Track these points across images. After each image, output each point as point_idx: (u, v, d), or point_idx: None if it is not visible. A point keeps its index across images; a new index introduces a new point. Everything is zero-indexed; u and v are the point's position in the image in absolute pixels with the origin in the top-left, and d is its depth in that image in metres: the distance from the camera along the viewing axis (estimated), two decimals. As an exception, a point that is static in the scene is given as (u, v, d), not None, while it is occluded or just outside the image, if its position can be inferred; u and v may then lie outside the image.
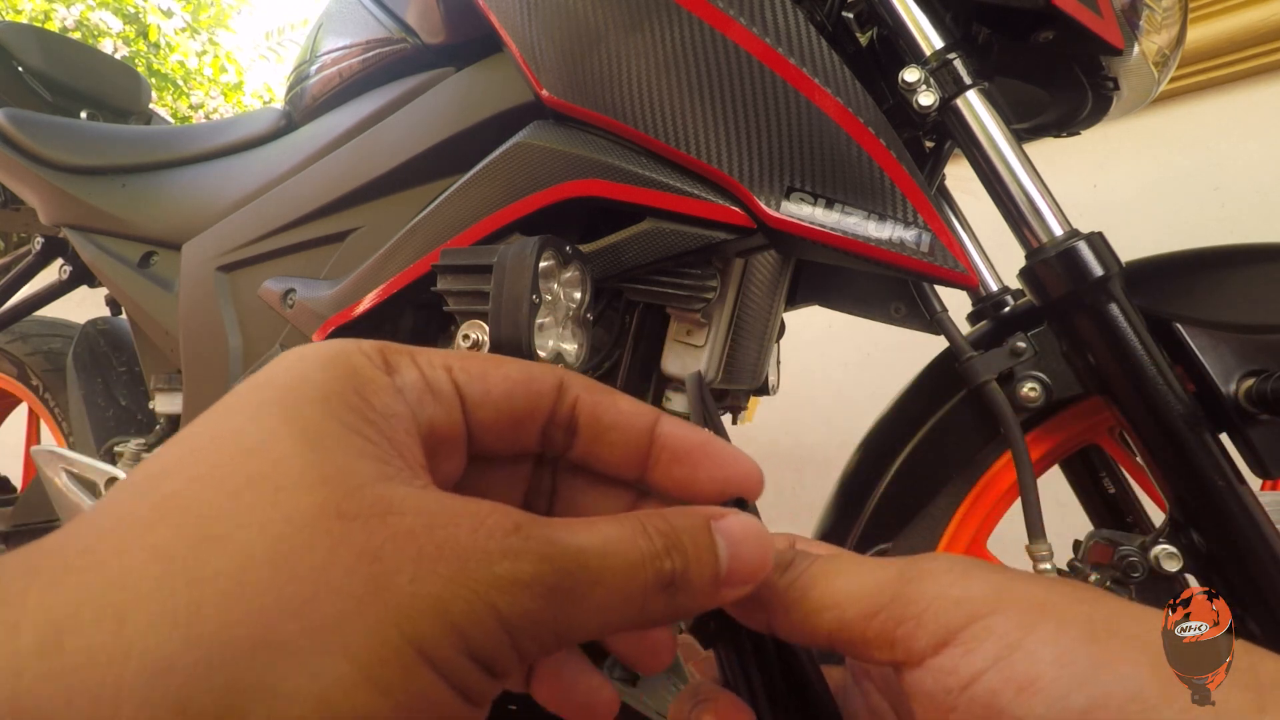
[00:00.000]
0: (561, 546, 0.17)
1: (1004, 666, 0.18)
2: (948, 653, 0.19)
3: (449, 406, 0.20)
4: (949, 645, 0.19)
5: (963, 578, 0.20)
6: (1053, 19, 0.51)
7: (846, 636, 0.21)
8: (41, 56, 1.18)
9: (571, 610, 0.17)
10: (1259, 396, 0.47)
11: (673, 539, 0.19)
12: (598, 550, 0.18)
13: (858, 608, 0.20)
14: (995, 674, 0.18)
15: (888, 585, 0.20)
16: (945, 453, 0.62)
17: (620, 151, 0.55)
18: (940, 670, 0.19)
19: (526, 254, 0.49)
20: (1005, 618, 0.19)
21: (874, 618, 0.20)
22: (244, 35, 4.10)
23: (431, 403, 0.20)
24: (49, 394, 1.17)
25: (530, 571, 0.16)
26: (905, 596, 0.20)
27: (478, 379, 0.21)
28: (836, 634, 0.21)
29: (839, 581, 0.21)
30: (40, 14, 3.26)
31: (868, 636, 0.20)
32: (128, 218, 0.92)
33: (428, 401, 0.20)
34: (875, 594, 0.20)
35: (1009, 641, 0.18)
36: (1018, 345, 0.56)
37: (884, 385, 0.71)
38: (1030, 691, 0.18)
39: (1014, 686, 0.18)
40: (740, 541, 0.20)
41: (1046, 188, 0.53)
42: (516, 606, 0.16)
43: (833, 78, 0.50)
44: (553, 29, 0.57)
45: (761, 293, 0.65)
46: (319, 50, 0.81)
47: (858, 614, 0.20)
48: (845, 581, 0.21)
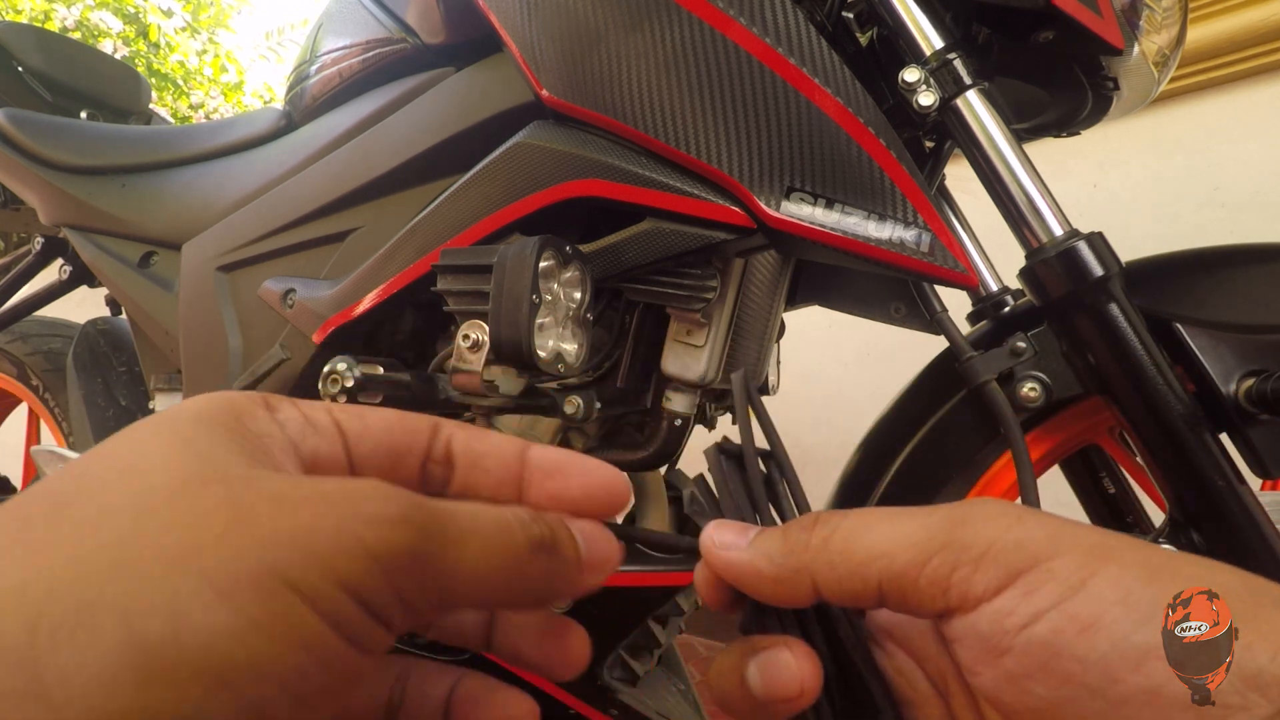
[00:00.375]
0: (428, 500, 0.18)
1: (1067, 607, 0.18)
2: (1007, 595, 0.19)
3: (329, 438, 0.21)
4: (1008, 588, 0.19)
5: (1019, 522, 0.20)
6: (1053, 19, 0.51)
7: (897, 586, 0.20)
8: (41, 56, 1.18)
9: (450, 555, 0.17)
10: (1259, 396, 0.47)
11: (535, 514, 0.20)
12: (466, 510, 0.18)
13: (908, 555, 0.20)
14: (1057, 614, 0.18)
15: (938, 532, 0.20)
16: (945, 453, 0.62)
17: (620, 151, 0.55)
18: (998, 612, 0.19)
19: (526, 254, 0.49)
20: (1066, 561, 0.19)
21: (927, 564, 0.20)
22: (244, 35, 4.10)
23: (312, 434, 0.21)
24: (49, 394, 1.17)
25: (398, 512, 0.17)
26: (959, 541, 0.20)
27: (355, 417, 0.22)
28: (887, 584, 0.21)
29: (884, 530, 0.21)
30: (40, 14, 3.26)
31: (920, 584, 0.20)
32: (128, 218, 0.92)
33: (309, 433, 0.21)
34: (926, 541, 0.20)
35: (1072, 583, 0.18)
36: (1018, 345, 0.56)
37: (884, 385, 0.71)
38: (1093, 630, 0.18)
39: (1077, 626, 0.18)
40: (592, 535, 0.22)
41: (1046, 188, 0.53)
42: (386, 539, 0.16)
43: (833, 78, 0.50)
44: (553, 29, 0.57)
45: (761, 293, 0.65)
46: (319, 50, 0.81)
47: (909, 561, 0.20)
48: (890, 530, 0.21)
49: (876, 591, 0.21)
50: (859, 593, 0.21)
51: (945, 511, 0.21)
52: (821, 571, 0.22)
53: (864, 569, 0.21)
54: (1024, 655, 0.19)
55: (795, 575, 0.22)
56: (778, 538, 0.23)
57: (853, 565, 0.21)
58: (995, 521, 0.20)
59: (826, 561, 0.22)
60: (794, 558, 0.22)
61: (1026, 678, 0.19)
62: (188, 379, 0.82)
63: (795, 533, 0.23)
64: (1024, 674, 0.19)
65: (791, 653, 0.22)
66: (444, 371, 0.58)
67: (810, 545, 0.22)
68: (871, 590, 0.21)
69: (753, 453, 0.27)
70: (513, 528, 0.19)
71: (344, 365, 0.51)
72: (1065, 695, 0.18)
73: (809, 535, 0.22)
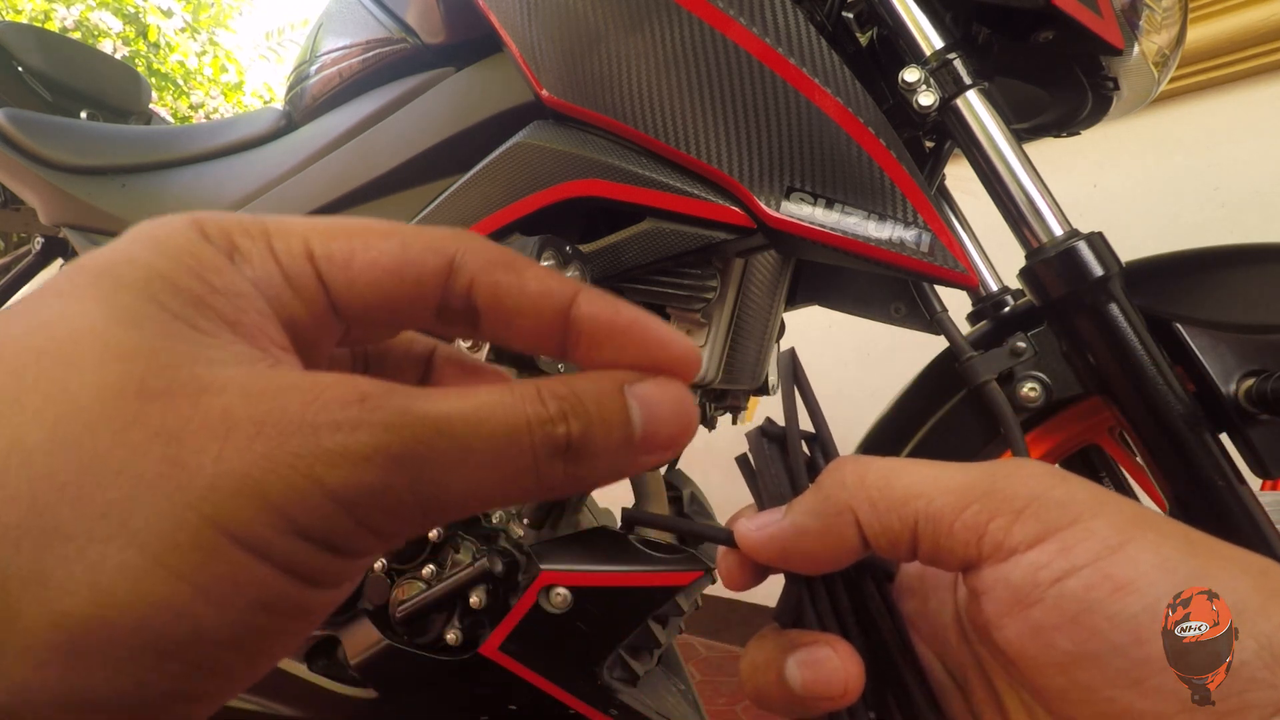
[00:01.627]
0: (416, 415, 0.15)
1: (1103, 565, 0.18)
2: (1043, 548, 0.19)
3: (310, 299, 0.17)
4: (1045, 541, 0.19)
5: (1063, 482, 0.20)
6: (1053, 19, 0.51)
7: (931, 528, 0.20)
8: (41, 56, 1.18)
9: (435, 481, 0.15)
10: (1259, 396, 0.47)
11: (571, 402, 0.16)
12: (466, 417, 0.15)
13: (946, 499, 0.20)
14: (1093, 571, 0.18)
15: (980, 480, 0.20)
16: (945, 453, 0.62)
17: (620, 151, 0.55)
18: (1032, 565, 0.19)
19: (526, 254, 0.49)
20: (1107, 522, 0.19)
21: (966, 509, 0.20)
22: (244, 35, 4.10)
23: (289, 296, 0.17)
24: (49, 394, 1.17)
25: (368, 443, 0.14)
26: (1002, 492, 0.20)
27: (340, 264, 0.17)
28: (923, 524, 0.20)
29: (924, 471, 0.21)
30: (40, 14, 3.26)
31: (954, 528, 0.20)
32: (128, 218, 0.92)
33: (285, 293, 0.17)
34: (967, 487, 0.20)
35: (1110, 544, 0.18)
36: (1018, 345, 0.56)
37: (884, 385, 0.71)
38: (1127, 591, 0.18)
39: (1111, 585, 0.18)
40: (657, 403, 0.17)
41: (1046, 188, 0.53)
42: (350, 481, 0.14)
43: (833, 78, 0.50)
44: (553, 29, 0.57)
45: (761, 293, 0.65)
46: (319, 50, 0.81)
47: (948, 504, 0.20)
48: (931, 472, 0.21)
49: (912, 533, 0.21)
50: (897, 534, 0.21)
51: (987, 465, 0.21)
52: (862, 508, 0.21)
53: (902, 507, 0.21)
54: (1054, 608, 0.19)
55: (838, 518, 0.22)
56: (811, 492, 0.23)
57: (892, 501, 0.21)
58: (1040, 479, 0.20)
59: (866, 498, 0.21)
60: (833, 500, 0.22)
61: (1054, 629, 0.19)
62: (188, 379, 0.82)
63: (829, 478, 0.22)
64: (1051, 626, 0.19)
65: (835, 651, 0.22)
66: (444, 371, 0.58)
67: (847, 484, 0.22)
68: (908, 531, 0.21)
69: (796, 434, 0.26)
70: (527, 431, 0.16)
71: (344, 365, 0.51)
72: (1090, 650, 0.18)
73: (843, 475, 0.22)
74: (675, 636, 0.75)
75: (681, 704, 0.73)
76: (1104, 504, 0.19)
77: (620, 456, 0.17)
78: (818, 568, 0.23)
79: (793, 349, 0.29)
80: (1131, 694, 0.18)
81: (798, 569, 0.23)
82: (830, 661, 0.21)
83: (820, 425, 0.28)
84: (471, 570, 0.61)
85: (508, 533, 0.67)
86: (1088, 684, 0.18)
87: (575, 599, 0.61)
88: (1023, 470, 0.21)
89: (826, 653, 0.22)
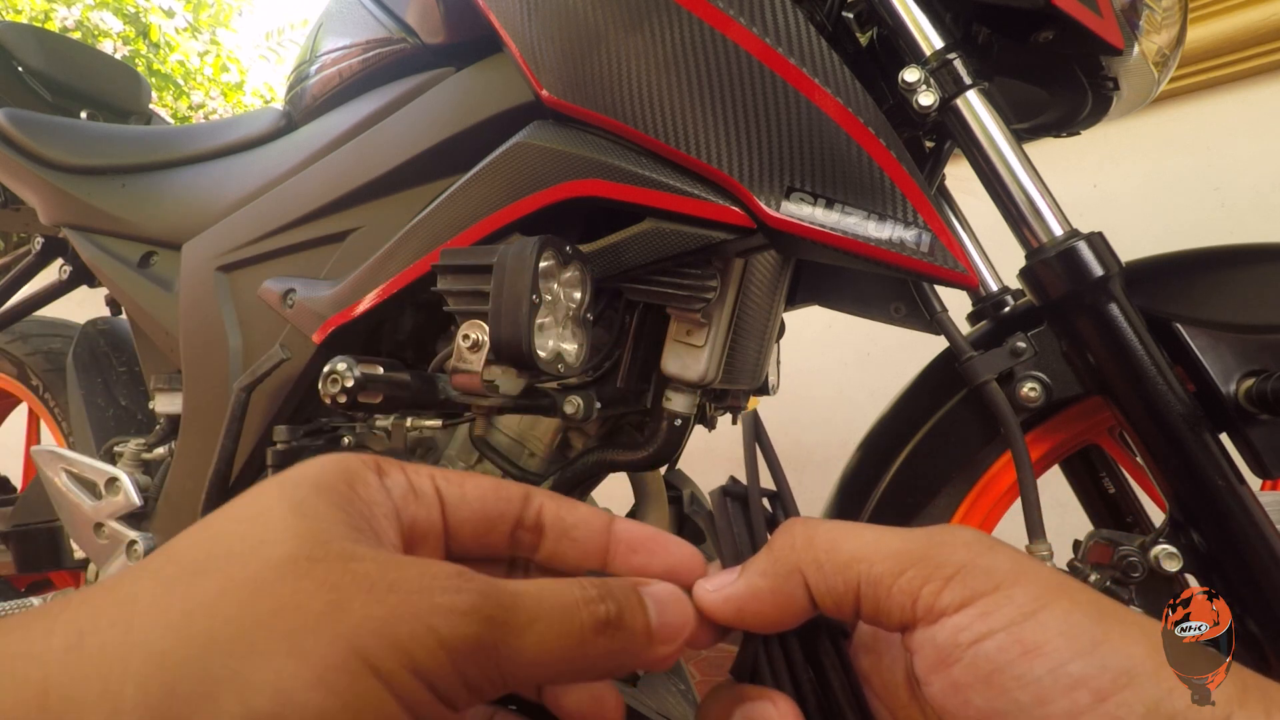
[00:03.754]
0: (499, 587, 0.20)
1: (1015, 630, 0.20)
2: (966, 612, 0.21)
3: (429, 506, 0.24)
4: (969, 606, 0.21)
5: (990, 551, 0.22)
6: (1052, 19, 0.51)
7: (872, 591, 0.22)
8: (41, 56, 1.18)
9: (512, 643, 0.19)
10: (1259, 396, 0.47)
11: (606, 589, 0.22)
12: (533, 593, 0.20)
13: (887, 564, 0.22)
14: (1006, 635, 0.20)
15: (916, 548, 0.22)
16: (945, 453, 0.62)
17: (620, 151, 0.55)
18: (955, 627, 0.21)
19: (526, 254, 0.49)
20: (1025, 590, 0.20)
21: (902, 574, 0.22)
22: (244, 35, 4.10)
23: (414, 501, 0.24)
24: (49, 394, 1.17)
25: (468, 602, 0.19)
26: (935, 559, 0.22)
27: (455, 484, 0.25)
28: (864, 587, 0.22)
29: (867, 536, 0.23)
30: (40, 14, 3.26)
31: (892, 591, 0.22)
32: (128, 218, 0.92)
33: (410, 499, 0.23)
34: (904, 553, 0.22)
35: (1025, 610, 0.20)
36: (1018, 345, 0.56)
37: (884, 385, 0.71)
38: (1034, 655, 0.19)
39: (1021, 648, 0.20)
40: (666, 602, 0.23)
41: (1046, 188, 0.53)
42: (455, 631, 0.18)
43: (833, 78, 0.50)
44: (553, 29, 0.57)
45: (761, 293, 0.65)
46: (319, 50, 0.81)
47: (887, 569, 0.22)
48: (873, 537, 0.23)
49: (855, 595, 0.23)
50: (841, 595, 0.23)
51: (924, 532, 0.23)
52: (810, 569, 0.23)
53: (846, 570, 0.23)
54: (970, 667, 0.20)
55: (788, 579, 0.23)
56: (764, 554, 0.25)
57: (837, 564, 0.23)
58: (970, 547, 0.22)
59: (813, 559, 0.23)
60: (783, 561, 0.24)
61: (968, 688, 0.20)
62: (187, 379, 0.82)
63: (780, 540, 0.24)
64: (967, 684, 0.20)
65: (775, 708, 0.23)
66: (444, 371, 0.58)
67: (796, 546, 0.24)
68: (851, 593, 0.23)
69: (757, 494, 0.28)
70: (578, 608, 0.21)
71: (344, 365, 0.51)
72: (998, 708, 0.20)
73: (792, 538, 0.24)
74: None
75: (681, 704, 0.73)
76: (1024, 572, 0.21)
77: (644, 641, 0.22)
78: (771, 627, 0.24)
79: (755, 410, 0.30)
80: None
81: (753, 628, 0.24)
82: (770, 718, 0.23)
83: (780, 483, 0.29)
84: (471, 570, 0.60)
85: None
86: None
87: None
88: (955, 538, 0.22)
89: (768, 709, 0.23)
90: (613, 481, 0.76)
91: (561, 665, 0.20)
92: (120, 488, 0.83)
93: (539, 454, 0.70)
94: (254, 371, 0.68)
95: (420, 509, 0.24)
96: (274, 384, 0.72)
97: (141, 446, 0.90)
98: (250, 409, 0.69)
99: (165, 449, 0.88)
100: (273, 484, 0.22)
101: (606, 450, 0.66)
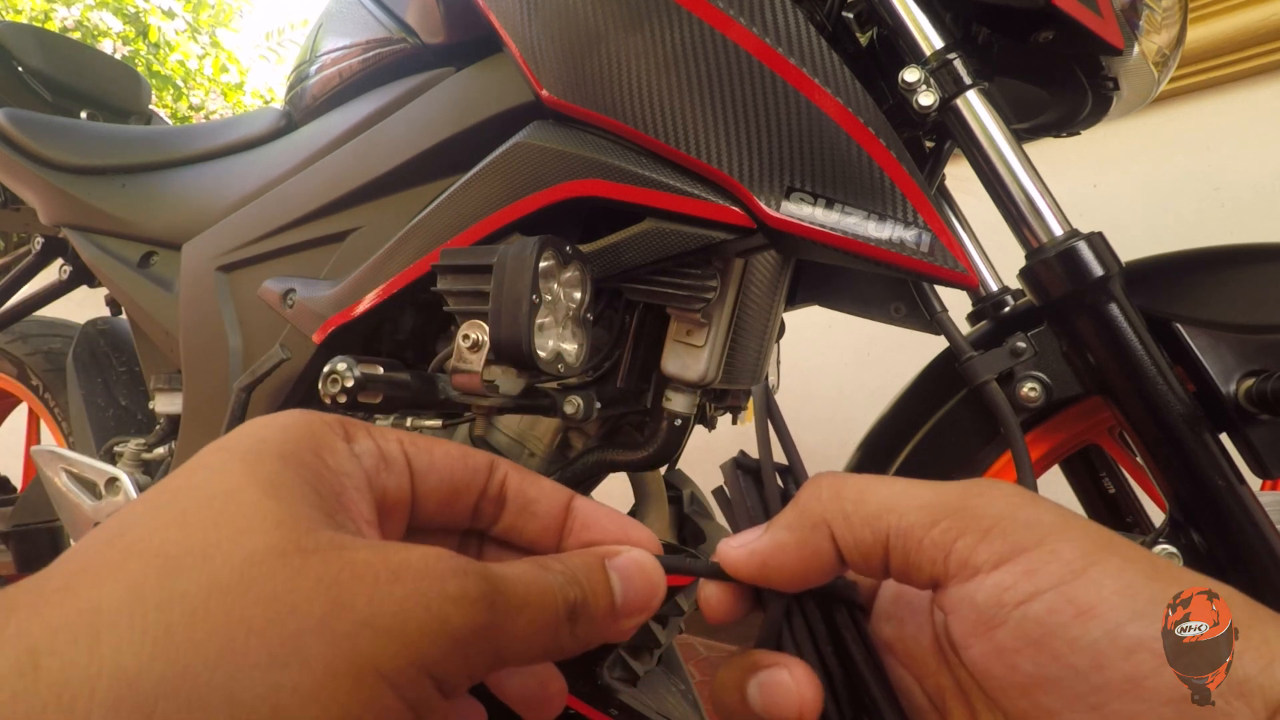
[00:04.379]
0: (494, 572, 0.19)
1: (1066, 590, 0.18)
2: (1008, 569, 0.19)
3: (399, 474, 0.22)
4: (1010, 562, 0.19)
5: (1030, 504, 0.21)
6: (1052, 19, 0.51)
7: (901, 543, 0.21)
8: (41, 56, 1.18)
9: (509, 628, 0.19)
10: (1259, 396, 0.47)
11: (570, 574, 0.21)
12: (519, 577, 0.20)
13: (917, 515, 0.21)
14: (1056, 595, 0.18)
15: (951, 498, 0.21)
16: (945, 453, 0.62)
17: (620, 151, 0.55)
18: (997, 586, 0.19)
19: (526, 254, 0.49)
20: (1072, 546, 0.19)
21: (934, 526, 0.21)
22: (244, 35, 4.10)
23: (385, 469, 0.22)
24: (49, 394, 1.17)
25: (478, 588, 0.18)
26: (971, 510, 0.20)
27: (424, 451, 0.23)
28: (893, 538, 0.21)
29: (897, 488, 0.22)
30: (40, 14, 3.26)
31: (924, 544, 0.21)
32: (128, 218, 0.92)
33: (381, 468, 0.22)
34: (937, 504, 0.21)
35: (1074, 568, 0.19)
36: (1018, 345, 0.56)
37: (884, 384, 0.71)
38: (1089, 616, 0.18)
39: (1073, 609, 0.18)
40: (633, 575, 0.22)
41: (1046, 188, 0.53)
42: (469, 621, 0.17)
43: (833, 78, 0.50)
44: (553, 29, 0.57)
45: (761, 293, 0.65)
46: (319, 50, 0.81)
47: (918, 520, 0.21)
48: (903, 489, 0.22)
49: (884, 548, 0.21)
50: (869, 548, 0.22)
51: (960, 484, 0.22)
52: (836, 521, 0.22)
53: (875, 521, 0.21)
54: (1017, 630, 0.19)
55: (814, 531, 0.22)
56: (790, 507, 0.23)
57: (865, 515, 0.22)
58: (1008, 499, 0.21)
59: (840, 511, 0.22)
60: (810, 513, 0.23)
61: (1015, 652, 0.19)
62: (187, 379, 0.82)
63: (806, 492, 0.23)
64: (1013, 648, 0.19)
65: (791, 674, 0.22)
66: (444, 371, 0.58)
67: (822, 497, 0.23)
68: (880, 546, 0.21)
69: (770, 467, 0.27)
70: (555, 594, 0.20)
71: (344, 365, 0.51)
72: (1051, 674, 0.18)
73: (819, 489, 0.23)
74: (675, 636, 0.75)
75: (681, 704, 0.73)
76: (1070, 527, 0.20)
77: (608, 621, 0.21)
78: (796, 582, 0.23)
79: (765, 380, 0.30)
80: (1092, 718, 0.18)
81: (778, 584, 0.23)
82: (786, 684, 0.22)
83: (792, 457, 0.29)
84: (471, 570, 0.60)
85: (508, 533, 0.67)
86: (1049, 707, 0.19)
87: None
88: (993, 490, 0.21)
89: (784, 675, 0.22)
90: (613, 481, 0.76)
91: (539, 649, 0.20)
92: (120, 488, 0.83)
93: (539, 454, 0.70)
94: (254, 371, 0.68)
95: (391, 478, 0.22)
96: (274, 384, 0.72)
97: (141, 446, 0.90)
98: (250, 409, 0.69)
99: (165, 449, 0.88)
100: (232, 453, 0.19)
101: (606, 450, 0.66)
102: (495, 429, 0.71)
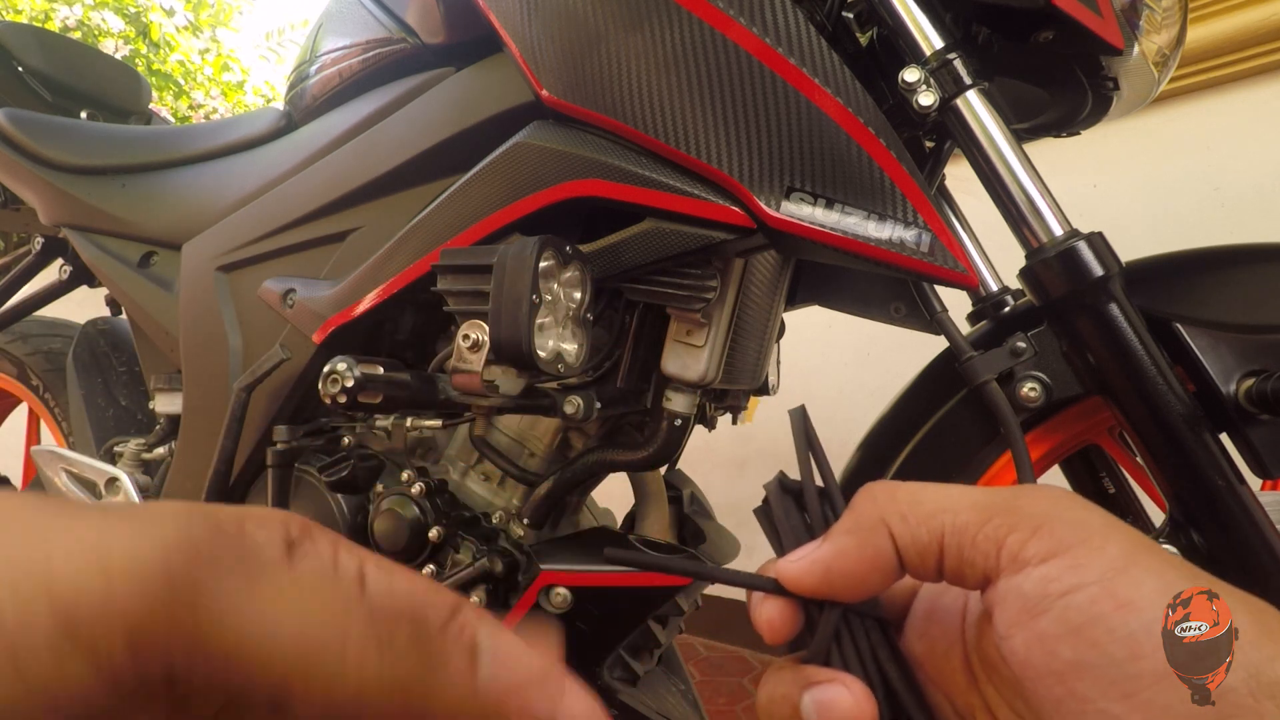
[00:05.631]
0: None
1: (1109, 583, 0.20)
2: (1055, 563, 0.20)
3: None
4: (1057, 557, 0.20)
5: (1077, 506, 0.22)
6: (1052, 19, 0.51)
7: (956, 540, 0.22)
8: (41, 56, 1.18)
9: None
10: (1259, 396, 0.47)
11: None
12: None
13: (971, 514, 0.22)
14: (1099, 588, 0.20)
15: (1002, 499, 0.22)
16: (945, 453, 0.62)
17: (620, 151, 0.55)
18: (1044, 577, 0.20)
19: (526, 254, 0.49)
20: (1116, 545, 0.20)
21: (987, 523, 0.22)
22: (244, 35, 4.11)
23: None
24: (49, 394, 1.17)
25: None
26: (1021, 509, 0.22)
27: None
28: (949, 536, 0.22)
29: (949, 490, 0.23)
30: (40, 14, 3.26)
31: (977, 540, 0.22)
32: (128, 218, 0.92)
33: None
34: (988, 505, 0.22)
35: (1118, 565, 0.20)
36: (1018, 345, 0.56)
37: (884, 384, 0.71)
38: (1129, 608, 0.19)
39: (1115, 601, 0.19)
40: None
41: (1046, 188, 0.53)
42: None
43: (833, 78, 0.50)
44: (553, 29, 0.57)
45: (761, 293, 0.65)
46: (319, 50, 0.81)
47: (972, 519, 0.22)
48: (955, 491, 0.23)
49: (939, 546, 0.22)
50: (925, 547, 0.23)
51: (1010, 487, 0.23)
52: (894, 521, 0.23)
53: (930, 520, 0.22)
54: (1059, 618, 0.20)
55: (874, 533, 0.23)
56: (846, 515, 0.24)
57: (921, 515, 0.23)
58: (1057, 501, 0.22)
59: (897, 512, 0.23)
60: (868, 516, 0.23)
61: (1056, 639, 0.20)
62: (187, 379, 0.82)
63: (861, 499, 0.24)
64: (1055, 635, 0.20)
65: (850, 691, 0.23)
66: (444, 371, 0.58)
67: (879, 501, 0.24)
68: (936, 544, 0.22)
69: (812, 489, 0.28)
70: None
71: (344, 365, 0.51)
72: (1088, 660, 0.19)
73: (874, 495, 0.24)
74: (675, 636, 0.75)
75: (681, 704, 0.73)
76: (1114, 528, 0.21)
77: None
78: (859, 589, 0.24)
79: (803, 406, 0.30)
80: (1123, 706, 0.19)
81: (839, 592, 0.24)
82: (845, 701, 0.23)
83: (830, 482, 0.29)
84: (471, 570, 0.60)
85: (508, 533, 0.67)
86: (1083, 694, 0.19)
87: (575, 599, 0.61)
88: (1041, 492, 0.22)
89: (842, 692, 0.23)
90: (613, 481, 0.76)
91: None
92: (120, 488, 0.83)
93: (539, 454, 0.70)
94: (254, 371, 0.68)
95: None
96: (274, 384, 0.72)
97: (141, 446, 0.90)
98: (250, 409, 0.69)
99: (165, 449, 0.88)
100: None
101: (606, 450, 0.66)
102: (495, 429, 0.71)
